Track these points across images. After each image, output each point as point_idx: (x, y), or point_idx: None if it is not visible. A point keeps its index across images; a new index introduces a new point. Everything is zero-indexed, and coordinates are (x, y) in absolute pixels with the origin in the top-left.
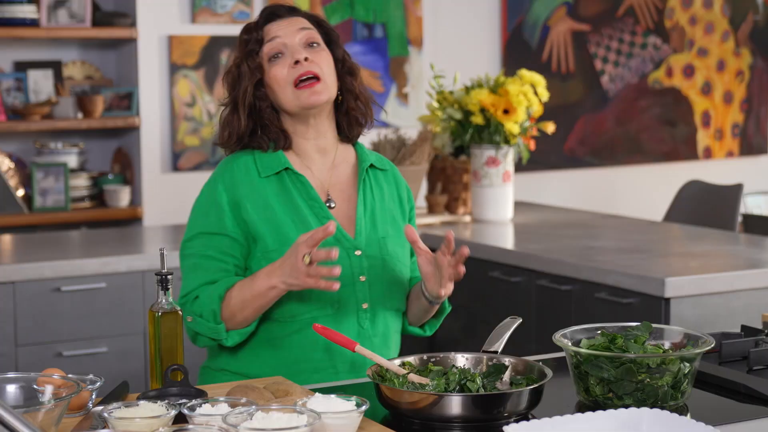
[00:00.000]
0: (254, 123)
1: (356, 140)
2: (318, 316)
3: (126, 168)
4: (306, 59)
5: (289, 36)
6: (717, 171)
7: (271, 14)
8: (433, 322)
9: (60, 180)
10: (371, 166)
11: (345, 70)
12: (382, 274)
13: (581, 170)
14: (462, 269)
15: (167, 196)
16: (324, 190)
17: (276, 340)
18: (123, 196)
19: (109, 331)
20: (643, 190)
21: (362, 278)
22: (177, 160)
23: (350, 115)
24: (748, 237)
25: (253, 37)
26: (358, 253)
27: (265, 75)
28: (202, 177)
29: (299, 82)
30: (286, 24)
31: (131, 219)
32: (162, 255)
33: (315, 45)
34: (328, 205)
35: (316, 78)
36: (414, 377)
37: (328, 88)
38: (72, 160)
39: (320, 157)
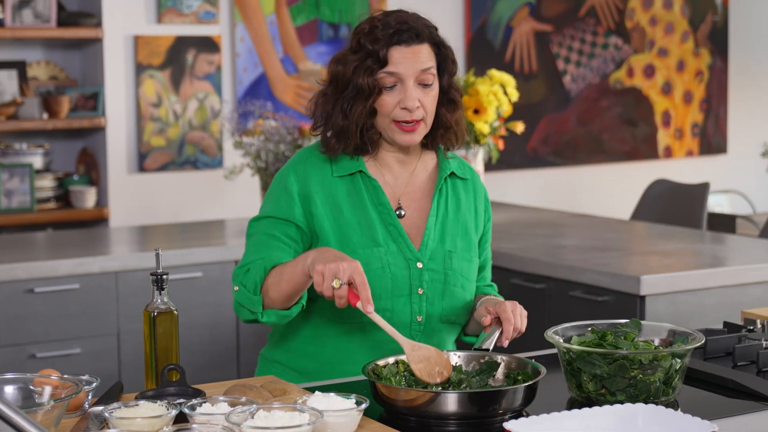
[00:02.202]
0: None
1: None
2: (369, 322)
3: (91, 169)
4: (417, 107)
5: (409, 72)
6: (677, 170)
7: (399, 41)
8: None
9: (25, 181)
10: (451, 174)
11: (444, 100)
12: (443, 288)
13: (544, 170)
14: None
15: (133, 197)
16: (396, 198)
17: (325, 338)
18: (89, 197)
19: (83, 332)
20: (605, 189)
21: (420, 291)
22: (143, 161)
23: (436, 139)
24: (716, 235)
25: (375, 53)
26: (419, 265)
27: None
28: (169, 177)
29: (398, 122)
30: (409, 56)
31: (97, 220)
32: (157, 255)
33: (429, 85)
34: (397, 213)
35: (415, 122)
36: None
37: (426, 127)
38: (37, 161)
39: (399, 166)
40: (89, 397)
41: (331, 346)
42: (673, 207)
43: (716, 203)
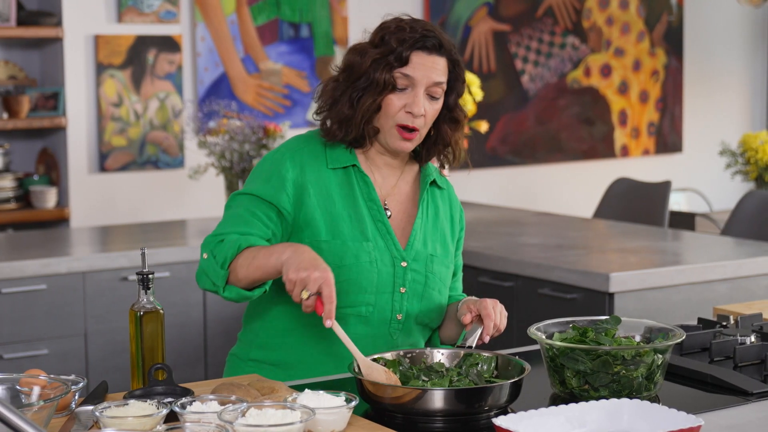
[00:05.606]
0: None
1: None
2: (350, 313)
3: (51, 169)
4: (422, 115)
5: (423, 80)
6: (634, 169)
7: (424, 46)
8: None
9: None
10: (432, 182)
11: (447, 118)
12: (423, 290)
13: (503, 169)
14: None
15: (94, 197)
16: (382, 198)
17: (303, 328)
18: (49, 197)
19: (50, 332)
20: (563, 188)
21: (402, 290)
22: (104, 161)
23: (434, 153)
24: (679, 233)
25: (398, 53)
26: (404, 264)
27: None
28: (130, 177)
29: (400, 127)
30: (430, 64)
31: (58, 220)
32: (143, 255)
33: (435, 98)
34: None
35: (415, 131)
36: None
37: (421, 138)
38: None
39: (387, 169)
40: (76, 397)
41: (310, 336)
42: (635, 205)
43: (674, 201)
